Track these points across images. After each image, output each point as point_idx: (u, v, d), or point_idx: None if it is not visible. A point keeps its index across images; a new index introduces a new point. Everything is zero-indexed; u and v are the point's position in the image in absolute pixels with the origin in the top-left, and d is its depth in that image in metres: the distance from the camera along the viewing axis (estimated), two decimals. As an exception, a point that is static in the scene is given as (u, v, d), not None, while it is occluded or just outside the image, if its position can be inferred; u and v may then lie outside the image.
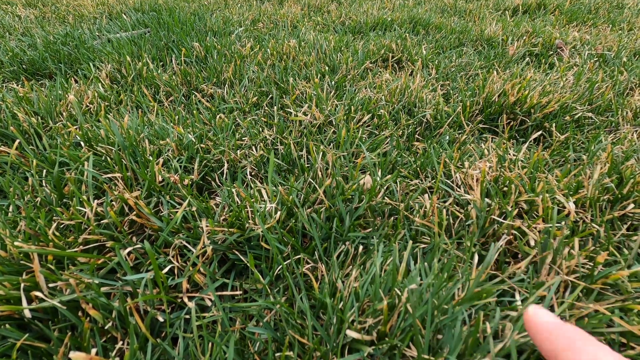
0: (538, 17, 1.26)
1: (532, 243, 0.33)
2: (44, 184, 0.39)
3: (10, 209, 0.36)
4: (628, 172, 0.40)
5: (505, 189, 0.40)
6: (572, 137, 0.53)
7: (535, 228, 0.34)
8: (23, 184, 0.40)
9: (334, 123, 0.55)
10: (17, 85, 0.64)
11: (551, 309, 0.29)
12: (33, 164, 0.38)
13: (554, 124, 0.54)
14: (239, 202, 0.39)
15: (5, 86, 0.64)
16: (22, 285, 0.27)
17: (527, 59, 0.86)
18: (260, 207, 0.37)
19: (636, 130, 0.54)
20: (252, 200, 0.37)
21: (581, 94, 0.63)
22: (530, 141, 0.53)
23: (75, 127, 0.49)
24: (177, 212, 0.36)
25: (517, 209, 0.38)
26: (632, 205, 0.37)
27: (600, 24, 1.14)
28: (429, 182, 0.45)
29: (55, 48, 0.74)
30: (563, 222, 0.34)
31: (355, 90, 0.66)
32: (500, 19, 1.20)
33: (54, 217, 0.35)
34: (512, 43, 0.96)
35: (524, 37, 0.99)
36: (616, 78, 0.69)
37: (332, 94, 0.62)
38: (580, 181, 0.40)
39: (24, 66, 0.72)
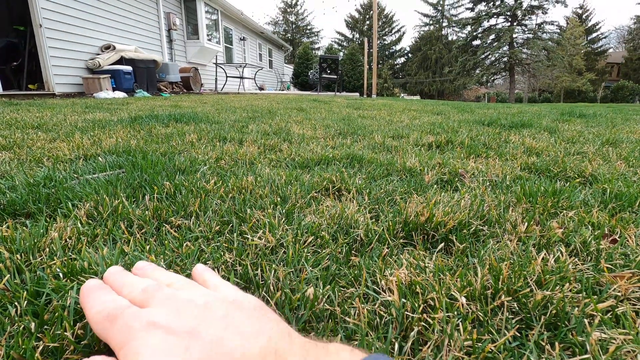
0: (447, 151, 1.60)
1: (435, 330, 0.44)
2: (24, 314, 0.45)
3: (-8, 339, 0.40)
4: (503, 271, 0.55)
5: (417, 290, 0.52)
6: (470, 246, 0.68)
7: (435, 318, 0.45)
8: (5, 315, 0.45)
9: (284, 245, 0.66)
10: (-3, 225, 0.71)
11: (449, 381, 0.38)
12: (23, 295, 0.44)
13: (455, 237, 0.70)
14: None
15: (-15, 226, 0.70)
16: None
17: (437, 185, 1.09)
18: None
19: (512, 239, 0.71)
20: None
21: (475, 211, 0.82)
22: (440, 251, 0.68)
23: (56, 261, 0.55)
24: (149, 329, 0.42)
25: (425, 305, 0.49)
26: (504, 296, 0.50)
27: (492, 156, 1.48)
28: (363, 289, 0.55)
29: (36, 190, 0.84)
30: (455, 312, 0.46)
31: (302, 216, 0.80)
32: (418, 154, 1.51)
33: (36, 343, 0.40)
34: (427, 172, 1.21)
35: (436, 168, 1.26)
36: (499, 198, 0.91)
37: (282, 220, 0.76)
38: (469, 280, 0.53)
39: (1, 207, 0.80)
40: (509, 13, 22.54)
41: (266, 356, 0.25)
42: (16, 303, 0.45)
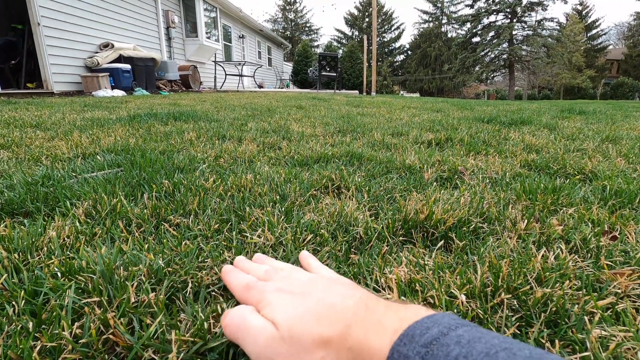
0: (446, 148, 1.60)
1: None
2: (21, 314, 0.44)
3: (-11, 339, 0.40)
4: (503, 268, 0.54)
5: (416, 287, 0.52)
6: (469, 243, 0.68)
7: (435, 316, 0.45)
8: (2, 315, 0.44)
9: (283, 243, 0.66)
10: (-5, 224, 0.70)
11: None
12: (21, 294, 0.44)
13: (454, 234, 0.70)
14: (203, 317, 0.46)
15: (-17, 226, 0.70)
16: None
17: (437, 183, 1.09)
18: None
19: (512, 236, 0.71)
20: (214, 314, 0.45)
21: (475, 208, 0.82)
22: (439, 248, 0.68)
23: (54, 260, 0.55)
24: (148, 327, 0.42)
25: (424, 303, 0.49)
26: (504, 294, 0.49)
27: (491, 153, 1.48)
28: (363, 287, 0.55)
29: (34, 189, 0.84)
30: (455, 310, 0.46)
31: (301, 214, 0.80)
32: (418, 151, 1.50)
33: (33, 343, 0.40)
34: (427, 170, 1.21)
35: (436, 165, 1.26)
36: (499, 196, 0.91)
37: (282, 218, 0.76)
38: (469, 277, 0.53)
39: (-1, 206, 0.79)
40: (508, 10, 22.49)
41: (359, 307, 0.35)
42: (14, 302, 0.45)
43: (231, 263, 0.60)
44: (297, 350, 0.33)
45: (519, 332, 0.45)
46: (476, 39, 24.41)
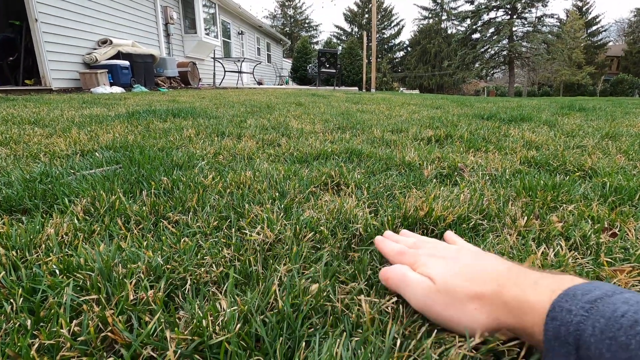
0: (446, 145, 1.59)
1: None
2: (19, 311, 0.44)
3: (-13, 337, 0.40)
4: (502, 265, 0.54)
5: (416, 285, 0.52)
6: (469, 240, 0.68)
7: (435, 313, 0.45)
8: (0, 312, 0.44)
9: (283, 240, 0.66)
10: (-8, 222, 0.70)
11: (448, 376, 0.38)
12: (18, 292, 0.44)
13: (454, 231, 0.70)
14: (201, 314, 0.46)
15: (-20, 223, 0.70)
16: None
17: (436, 179, 1.08)
18: (221, 317, 0.44)
19: (512, 233, 0.71)
20: (212, 312, 0.44)
21: (475, 205, 0.82)
22: (439, 245, 0.67)
23: (52, 257, 0.55)
24: (146, 325, 0.42)
25: (424, 300, 0.49)
26: (504, 290, 0.49)
27: (491, 150, 1.48)
28: (364, 284, 0.55)
29: (32, 186, 0.83)
30: (455, 307, 0.46)
31: (301, 211, 0.80)
32: (418, 148, 1.50)
33: (32, 340, 0.40)
34: (426, 167, 1.20)
35: (435, 162, 1.25)
36: (499, 192, 0.91)
37: (281, 215, 0.75)
38: (469, 274, 0.53)
39: (-3, 203, 0.79)
40: (508, 6, 22.40)
41: (511, 271, 0.38)
42: (12, 300, 0.45)
43: (230, 260, 0.60)
44: (452, 301, 0.38)
45: (518, 329, 0.45)
46: (476, 36, 24.35)
